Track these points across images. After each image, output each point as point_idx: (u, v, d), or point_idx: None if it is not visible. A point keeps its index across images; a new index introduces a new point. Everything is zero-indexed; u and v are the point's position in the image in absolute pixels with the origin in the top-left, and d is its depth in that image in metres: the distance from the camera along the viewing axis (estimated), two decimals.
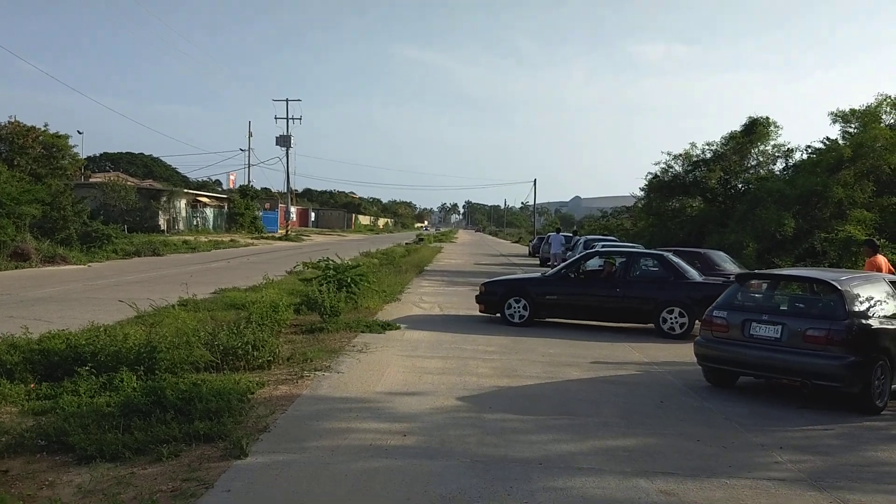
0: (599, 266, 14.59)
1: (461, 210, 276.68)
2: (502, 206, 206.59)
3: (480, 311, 13.99)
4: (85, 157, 60.03)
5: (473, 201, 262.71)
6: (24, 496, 4.66)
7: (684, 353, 10.37)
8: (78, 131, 78.85)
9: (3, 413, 6.48)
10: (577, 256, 15.02)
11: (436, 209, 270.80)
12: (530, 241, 54.14)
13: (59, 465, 5.27)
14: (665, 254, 14.05)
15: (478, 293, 14.27)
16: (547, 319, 13.58)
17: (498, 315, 13.57)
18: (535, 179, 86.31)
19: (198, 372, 7.87)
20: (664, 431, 6.68)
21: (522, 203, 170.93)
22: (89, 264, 25.45)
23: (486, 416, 6.98)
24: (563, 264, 14.85)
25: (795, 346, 7.76)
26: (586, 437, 6.41)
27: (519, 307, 13.36)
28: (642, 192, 35.51)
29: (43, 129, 38.42)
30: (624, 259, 13.89)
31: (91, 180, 52.97)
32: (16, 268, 22.40)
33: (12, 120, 37.58)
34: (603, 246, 23.90)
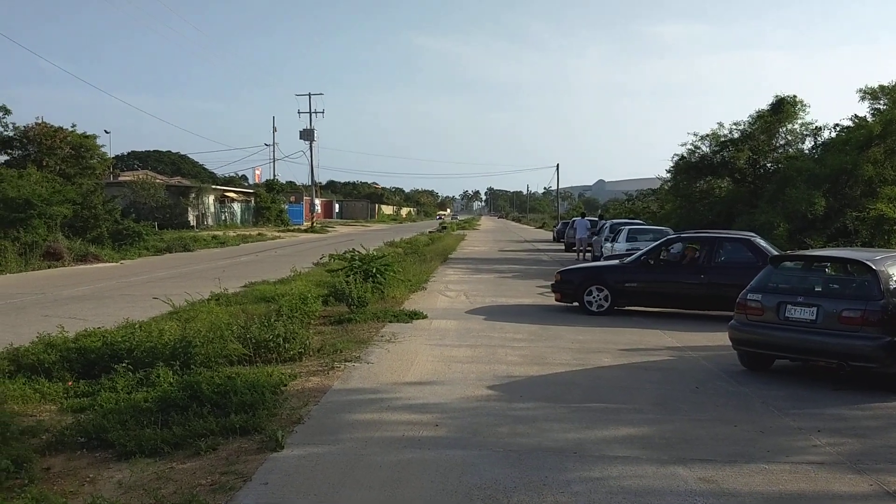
0: (679, 252, 14.09)
1: (483, 197, 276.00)
2: (525, 192, 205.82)
3: (556, 300, 13.84)
4: (113, 155, 60.97)
5: (495, 188, 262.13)
6: (66, 493, 4.75)
7: (718, 337, 10.26)
8: (105, 131, 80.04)
9: (43, 411, 6.60)
10: (658, 242, 14.54)
11: (458, 197, 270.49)
12: (554, 227, 53.85)
13: (100, 461, 5.36)
14: (752, 237, 13.59)
15: (553, 282, 14.14)
16: (627, 308, 13.33)
17: (576, 304, 13.39)
18: (558, 164, 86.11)
19: (232, 365, 7.97)
20: (700, 417, 6.62)
21: (545, 188, 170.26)
22: (121, 262, 25.83)
23: (518, 404, 6.97)
24: (642, 251, 14.38)
25: (831, 327, 7.65)
26: (621, 424, 6.36)
27: (600, 296, 13.16)
28: (668, 174, 35.13)
29: (71, 129, 39.00)
30: (708, 244, 13.42)
31: (120, 179, 53.69)
32: (49, 267, 22.81)
33: (39, 121, 38.20)
34: (630, 229, 23.70)
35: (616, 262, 14.71)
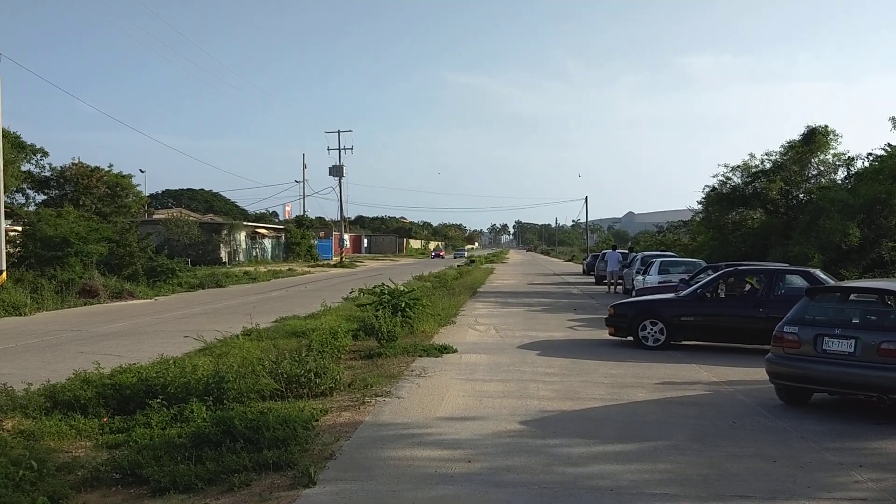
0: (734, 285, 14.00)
1: (511, 230, 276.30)
2: (553, 225, 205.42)
3: (610, 335, 13.68)
4: (148, 194, 62.14)
5: (524, 221, 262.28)
6: None
7: (755, 371, 10.07)
8: (140, 170, 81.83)
9: (79, 447, 6.66)
10: (715, 275, 14.37)
11: (486, 230, 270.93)
12: (584, 259, 53.58)
13: (135, 497, 5.39)
14: (813, 270, 13.40)
15: (607, 315, 14.02)
16: (683, 343, 13.09)
17: (630, 338, 13.24)
18: (587, 196, 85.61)
19: (264, 400, 8.00)
20: (738, 453, 6.47)
21: (574, 221, 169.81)
22: (156, 298, 26.22)
23: (551, 440, 6.88)
24: (698, 284, 14.21)
25: (870, 359, 7.47)
26: (658, 461, 6.24)
27: (655, 330, 12.97)
28: (700, 206, 34.90)
29: (107, 169, 39.97)
30: (767, 277, 13.23)
31: (154, 217, 54.77)
32: (85, 304, 23.20)
33: (76, 161, 39.24)
34: (662, 261, 23.50)
35: (672, 295, 14.49)
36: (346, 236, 76.59)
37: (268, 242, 63.74)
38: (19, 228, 28.43)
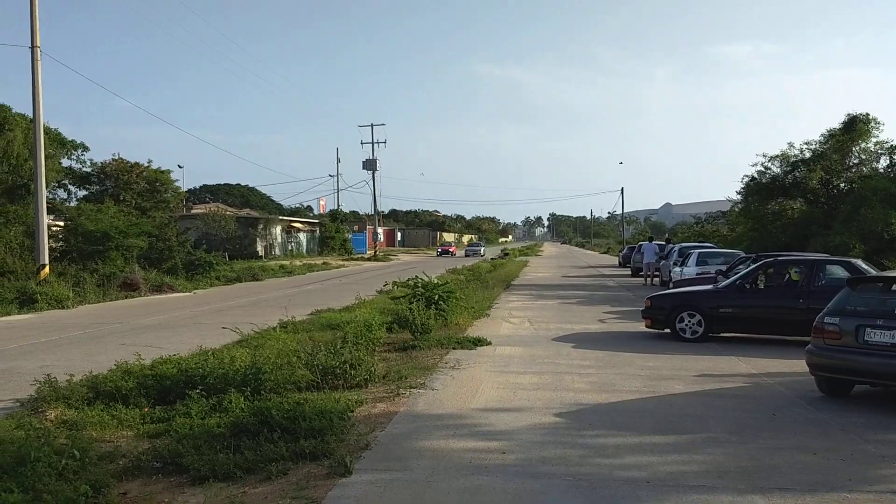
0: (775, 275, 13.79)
1: (546, 223, 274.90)
2: (588, 217, 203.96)
3: (647, 327, 13.58)
4: (186, 189, 63.21)
5: (558, 213, 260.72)
6: None
7: (795, 363, 9.90)
8: (178, 165, 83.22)
9: (120, 437, 6.80)
10: (754, 266, 14.10)
11: (520, 223, 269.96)
12: (620, 252, 53.08)
13: (175, 485, 5.48)
14: (854, 260, 13.16)
15: (643, 308, 13.92)
16: (722, 335, 12.96)
17: (667, 330, 13.10)
18: (623, 188, 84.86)
19: (300, 391, 8.09)
20: (778, 445, 6.37)
21: (609, 213, 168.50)
22: (194, 291, 26.64)
23: (587, 432, 6.84)
24: (737, 275, 14.00)
25: None
26: (695, 453, 6.16)
27: (693, 322, 12.81)
28: (739, 196, 34.35)
29: (146, 165, 40.75)
30: (808, 268, 12.99)
31: (193, 211, 55.68)
32: (126, 297, 23.68)
33: (116, 157, 40.08)
34: (700, 252, 23.16)
35: (710, 286, 14.29)
36: (380, 230, 76.94)
37: (303, 236, 64.36)
38: (61, 223, 29.15)
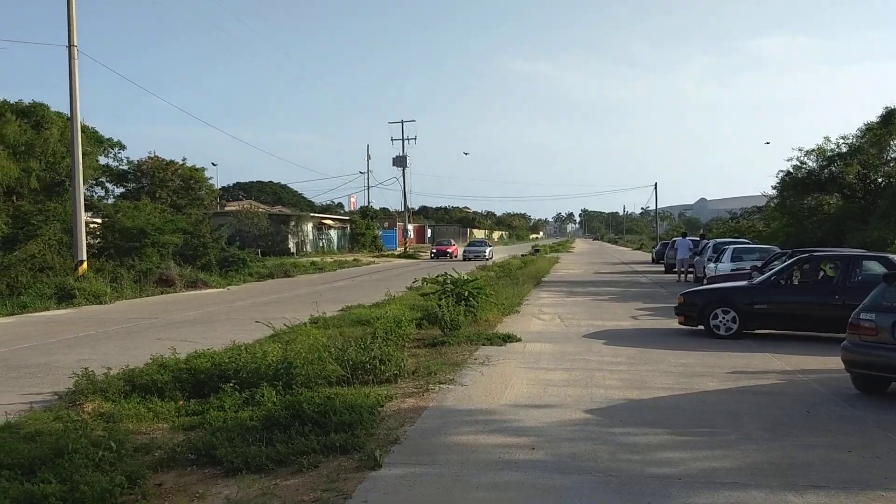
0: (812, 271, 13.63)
1: (577, 218, 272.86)
2: (621, 213, 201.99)
3: (679, 324, 13.43)
4: (220, 187, 64.05)
5: (590, 209, 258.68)
6: None
7: (830, 359, 9.72)
8: (212, 163, 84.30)
9: (156, 429, 6.94)
10: (789, 262, 13.92)
11: (551, 219, 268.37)
12: (653, 248, 52.50)
13: (209, 477, 5.58)
14: (891, 256, 12.92)
15: (676, 304, 13.79)
16: (756, 332, 12.78)
17: (700, 327, 12.94)
18: (656, 183, 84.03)
19: (330, 386, 8.15)
20: (812, 442, 6.27)
21: (643, 208, 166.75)
22: (228, 287, 27.01)
23: (617, 429, 6.79)
24: (772, 271, 13.82)
25: None
26: (727, 450, 6.10)
27: (727, 319, 12.63)
28: (774, 191, 33.84)
29: (181, 162, 41.35)
30: (843, 263, 12.74)
31: (226, 209, 56.36)
32: (161, 293, 24.09)
33: (152, 155, 40.74)
34: (735, 248, 22.83)
35: (744, 282, 14.10)
36: (410, 227, 77.09)
37: (334, 233, 64.81)
38: (99, 220, 29.73)
